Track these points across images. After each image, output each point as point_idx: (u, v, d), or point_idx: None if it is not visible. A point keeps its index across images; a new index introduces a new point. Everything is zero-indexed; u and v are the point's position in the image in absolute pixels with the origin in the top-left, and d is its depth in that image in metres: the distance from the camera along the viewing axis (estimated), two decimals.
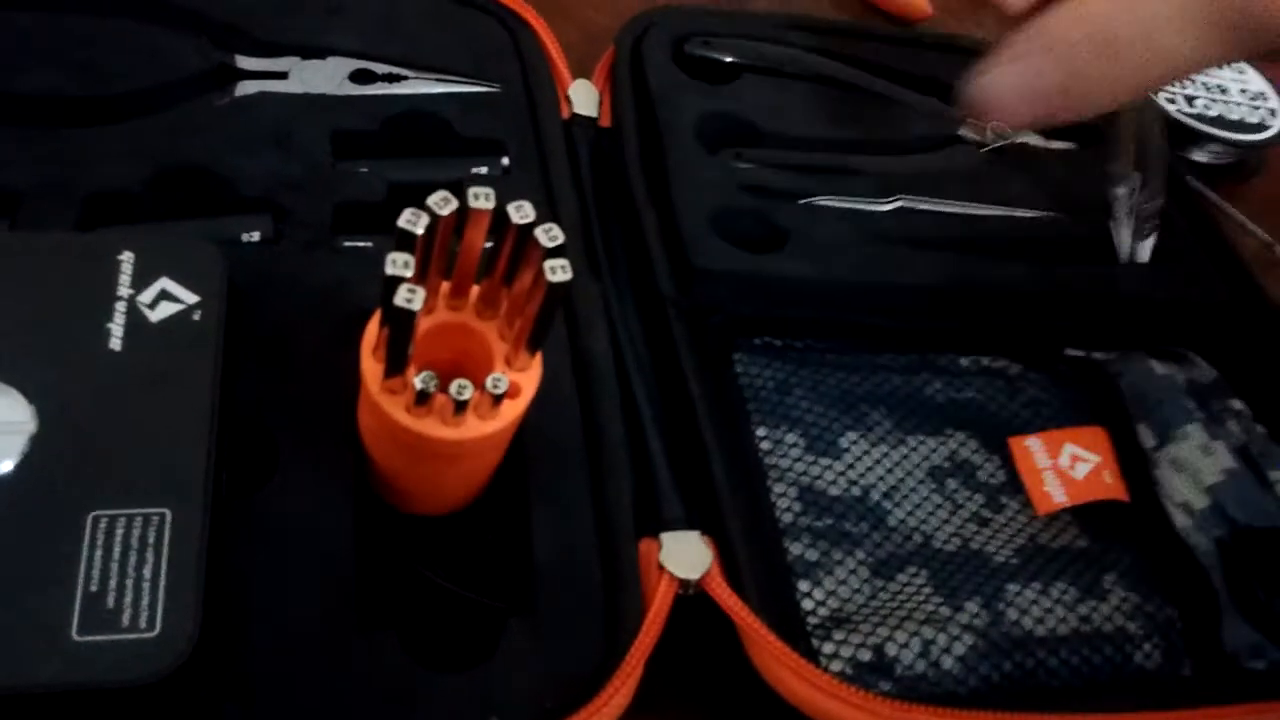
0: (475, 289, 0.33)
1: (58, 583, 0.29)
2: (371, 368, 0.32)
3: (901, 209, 0.53)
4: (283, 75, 0.48)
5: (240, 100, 0.47)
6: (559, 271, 0.30)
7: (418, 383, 0.31)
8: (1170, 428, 0.48)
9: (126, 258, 0.36)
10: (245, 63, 0.48)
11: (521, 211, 0.30)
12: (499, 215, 0.30)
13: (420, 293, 0.28)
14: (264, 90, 0.48)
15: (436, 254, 0.31)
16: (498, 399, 0.32)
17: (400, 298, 0.28)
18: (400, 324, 0.29)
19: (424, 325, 0.33)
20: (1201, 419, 0.48)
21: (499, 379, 0.31)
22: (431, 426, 0.32)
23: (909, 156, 0.57)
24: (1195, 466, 0.46)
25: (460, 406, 0.31)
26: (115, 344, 0.34)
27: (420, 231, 0.29)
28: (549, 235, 0.30)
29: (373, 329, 0.33)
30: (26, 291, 0.34)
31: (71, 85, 0.45)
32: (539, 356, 0.33)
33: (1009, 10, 0.34)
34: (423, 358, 0.32)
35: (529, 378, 0.33)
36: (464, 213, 0.30)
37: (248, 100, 0.47)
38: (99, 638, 0.28)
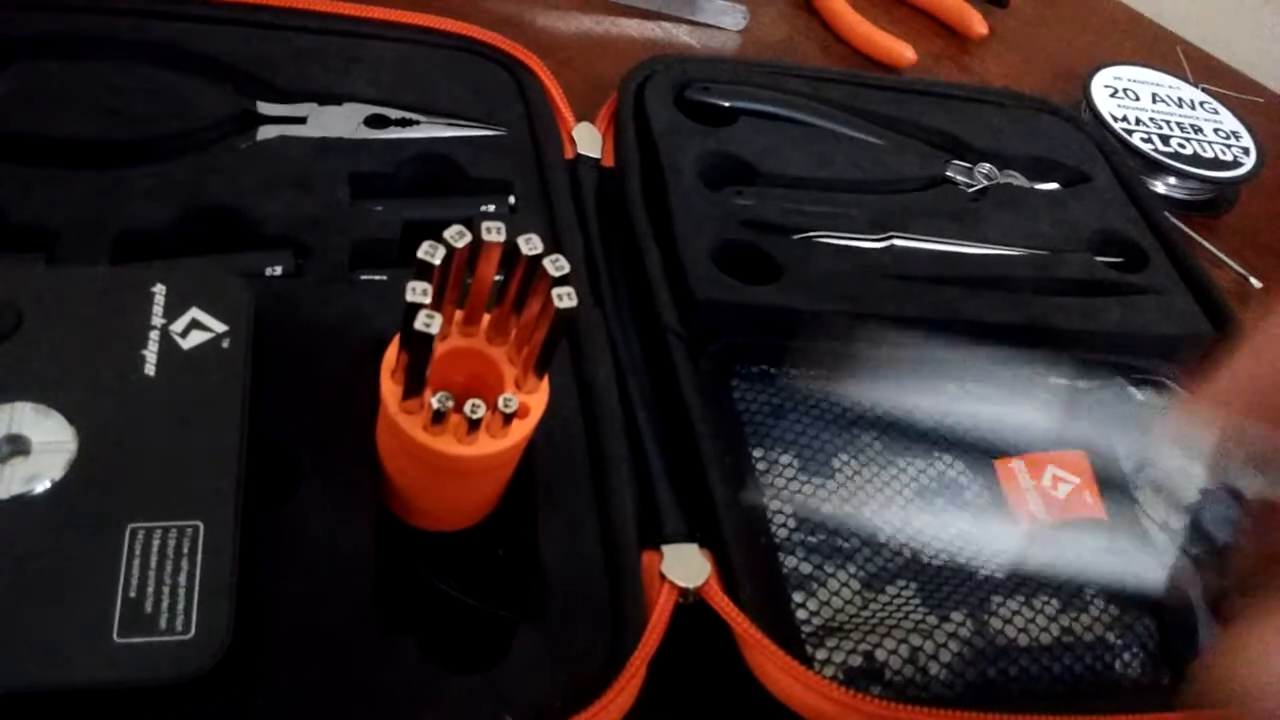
0: (486, 317, 0.36)
1: (99, 589, 0.31)
2: (391, 389, 0.34)
3: (893, 246, 0.55)
4: (302, 120, 0.51)
5: (262, 144, 0.50)
6: (565, 298, 0.32)
7: (434, 402, 0.33)
8: (1149, 451, 0.50)
9: (159, 290, 0.38)
10: (266, 108, 0.51)
11: (530, 244, 0.32)
12: (509, 248, 0.33)
13: (438, 318, 0.31)
14: (284, 134, 0.50)
15: (451, 284, 0.33)
16: (508, 418, 0.34)
17: (419, 322, 0.30)
18: (419, 347, 0.31)
19: (439, 350, 0.35)
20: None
21: (509, 399, 0.34)
22: (447, 444, 0.34)
23: (899, 195, 0.60)
24: (1173, 487, 0.48)
25: (473, 425, 0.33)
26: (150, 369, 0.36)
27: (438, 261, 0.31)
28: (555, 265, 0.32)
29: (392, 353, 0.35)
30: (66, 321, 0.36)
31: (103, 130, 0.47)
32: (546, 380, 0.36)
33: None
34: (438, 381, 0.34)
35: (537, 399, 0.36)
36: (477, 246, 0.32)
37: (269, 144, 0.50)
38: (138, 640, 0.30)
